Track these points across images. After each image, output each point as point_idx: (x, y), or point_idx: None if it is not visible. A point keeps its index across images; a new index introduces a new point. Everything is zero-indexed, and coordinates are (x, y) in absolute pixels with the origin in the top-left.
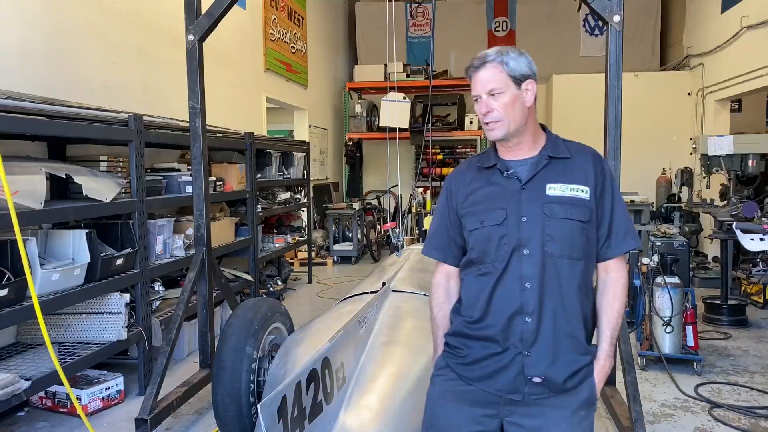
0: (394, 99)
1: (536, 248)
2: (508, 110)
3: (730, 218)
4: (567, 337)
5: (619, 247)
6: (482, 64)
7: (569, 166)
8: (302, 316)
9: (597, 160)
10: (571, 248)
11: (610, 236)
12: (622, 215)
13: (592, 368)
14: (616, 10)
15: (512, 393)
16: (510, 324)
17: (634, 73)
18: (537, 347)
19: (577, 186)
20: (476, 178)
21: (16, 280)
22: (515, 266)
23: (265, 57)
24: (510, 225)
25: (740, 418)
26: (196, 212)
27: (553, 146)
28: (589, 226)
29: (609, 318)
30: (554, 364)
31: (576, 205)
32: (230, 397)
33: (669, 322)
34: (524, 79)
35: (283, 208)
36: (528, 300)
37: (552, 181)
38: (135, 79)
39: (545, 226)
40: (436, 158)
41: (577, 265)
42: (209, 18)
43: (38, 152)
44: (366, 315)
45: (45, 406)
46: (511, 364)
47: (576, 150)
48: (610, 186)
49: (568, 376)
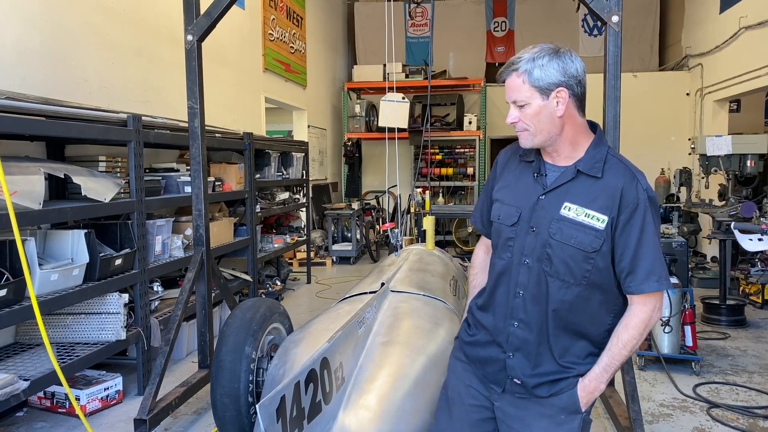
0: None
1: (534, 262)
2: (533, 121)
3: (728, 218)
4: (546, 350)
5: (639, 287)
6: (509, 72)
7: (596, 187)
8: (301, 316)
9: (630, 187)
10: (567, 273)
11: (632, 272)
12: (648, 252)
13: (575, 382)
14: (615, 11)
15: (495, 384)
16: (502, 324)
17: (632, 74)
18: (519, 353)
19: (594, 213)
20: (515, 166)
21: (14, 280)
22: (514, 272)
23: (263, 57)
24: (519, 230)
25: (738, 418)
26: (195, 212)
27: (589, 160)
28: (598, 256)
29: (611, 345)
30: (532, 372)
31: (585, 232)
32: (229, 397)
33: (668, 322)
34: (553, 88)
35: (282, 209)
36: (518, 307)
37: (571, 199)
38: (134, 80)
39: (547, 244)
40: (435, 158)
41: (573, 290)
42: (208, 18)
43: (37, 152)
44: (365, 315)
45: (44, 407)
46: (498, 359)
47: (611, 171)
48: (641, 218)
49: (541, 383)
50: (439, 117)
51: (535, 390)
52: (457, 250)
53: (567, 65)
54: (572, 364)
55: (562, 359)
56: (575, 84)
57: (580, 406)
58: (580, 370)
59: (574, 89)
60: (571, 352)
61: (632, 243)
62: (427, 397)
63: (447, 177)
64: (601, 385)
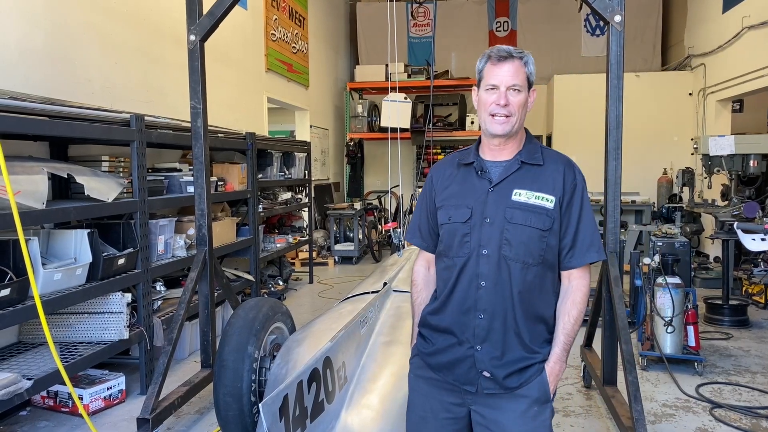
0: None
1: (494, 250)
2: (520, 109)
3: (731, 218)
4: (516, 336)
5: (582, 258)
6: (508, 57)
7: (540, 173)
8: (303, 316)
9: (569, 170)
10: (527, 254)
11: (573, 247)
12: (587, 227)
13: (541, 368)
14: (617, 10)
15: (467, 384)
16: (465, 319)
17: (635, 73)
18: (487, 344)
19: (543, 195)
20: (454, 173)
21: (18, 279)
22: (473, 264)
23: (266, 57)
24: (474, 224)
25: (741, 418)
26: (198, 212)
27: (528, 152)
28: (549, 235)
29: (564, 324)
30: (500, 360)
31: (538, 213)
32: (232, 396)
33: (670, 322)
34: (532, 85)
35: (284, 208)
36: (481, 297)
37: (519, 186)
38: (136, 80)
39: (504, 230)
40: (437, 158)
41: (532, 269)
42: (211, 18)
43: (40, 152)
44: (367, 315)
45: (47, 406)
46: (465, 357)
47: (550, 158)
48: (579, 197)
49: (510, 373)
50: (441, 117)
51: (506, 381)
52: None
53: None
54: (538, 348)
55: (533, 344)
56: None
57: (550, 391)
58: (544, 355)
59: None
60: (535, 336)
61: (574, 220)
62: None
63: None
64: (563, 365)
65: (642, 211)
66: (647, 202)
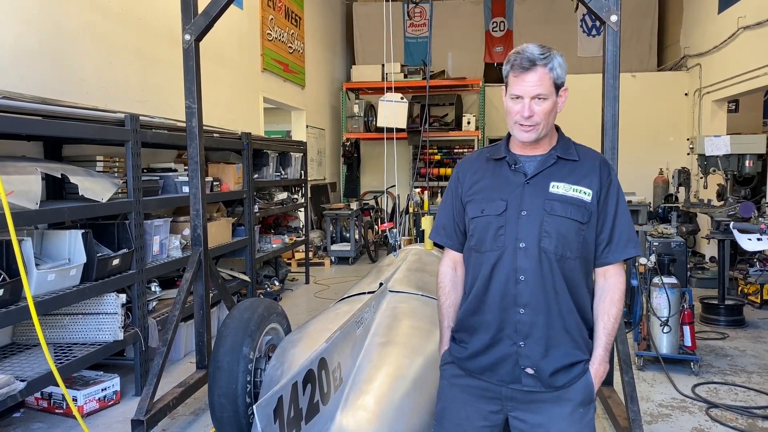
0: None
1: (533, 243)
2: (547, 116)
3: (727, 218)
4: (560, 331)
5: (620, 254)
6: (532, 66)
7: (576, 168)
8: (299, 317)
9: (604, 166)
10: (566, 247)
11: (611, 242)
12: (624, 223)
13: (586, 367)
14: (614, 10)
15: (513, 383)
16: (505, 315)
17: (631, 74)
18: (530, 339)
19: (581, 188)
20: (484, 167)
21: (11, 280)
22: (510, 258)
23: (262, 57)
24: (509, 217)
25: (737, 418)
26: (193, 212)
27: (563, 147)
28: (587, 228)
29: (605, 323)
30: (546, 356)
31: (576, 205)
32: (227, 397)
33: (666, 322)
34: (562, 86)
35: (280, 209)
36: (521, 292)
37: (557, 179)
38: (131, 79)
39: (543, 222)
40: (433, 158)
41: (570, 263)
42: (206, 18)
43: (34, 152)
44: (363, 315)
45: (41, 407)
46: (509, 354)
47: (585, 154)
48: (615, 194)
49: (557, 369)
50: (437, 117)
51: (552, 379)
52: None
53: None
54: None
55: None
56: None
57: (594, 393)
58: (585, 348)
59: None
60: (581, 331)
61: (611, 215)
62: (425, 397)
63: (445, 177)
64: (607, 366)
65: (638, 211)
66: (643, 202)
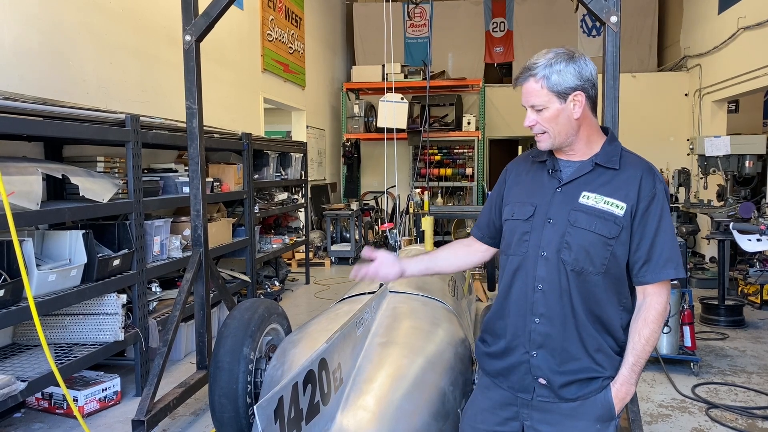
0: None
1: (553, 253)
2: (551, 124)
3: (727, 219)
4: (576, 345)
5: (657, 274)
6: (526, 78)
7: (614, 177)
8: (300, 317)
9: (648, 177)
10: (587, 261)
11: (649, 261)
12: (666, 240)
13: (605, 384)
14: (614, 11)
15: (522, 391)
16: (521, 322)
17: (631, 74)
18: (543, 350)
19: (614, 201)
20: (527, 169)
21: (12, 281)
22: (531, 265)
23: (262, 57)
24: (535, 223)
25: (737, 418)
26: (193, 213)
27: (605, 154)
28: (616, 243)
29: (634, 344)
30: (558, 369)
31: (605, 219)
32: (227, 398)
33: (666, 323)
34: (570, 92)
35: (280, 209)
36: (538, 301)
37: (590, 189)
38: (132, 80)
39: (566, 233)
40: (433, 159)
41: (592, 278)
42: (206, 18)
43: (35, 153)
44: (363, 316)
45: (41, 408)
46: (521, 362)
47: (629, 163)
48: (659, 207)
49: (569, 382)
50: (437, 117)
51: (562, 391)
52: None
53: (582, 69)
54: (605, 361)
55: (597, 355)
56: (590, 87)
57: (615, 411)
58: (611, 371)
59: (589, 92)
60: (602, 347)
61: (650, 231)
62: (425, 397)
63: (446, 177)
64: (631, 388)
65: None
66: None
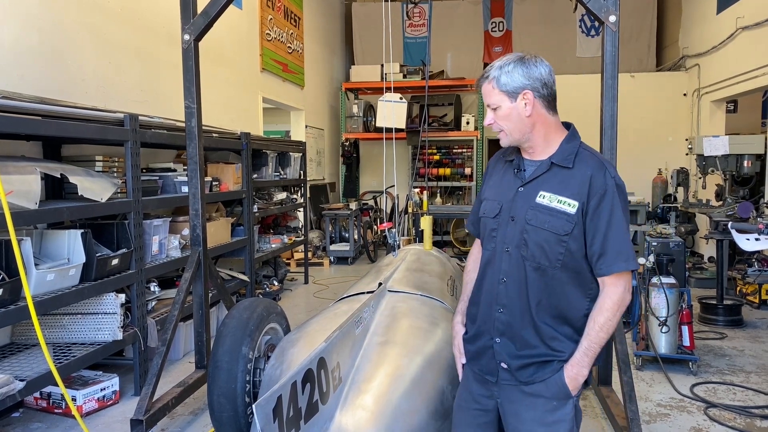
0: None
1: (514, 249)
2: (505, 122)
3: (725, 218)
4: (532, 334)
5: (610, 267)
6: (483, 80)
7: (567, 176)
8: (298, 317)
9: (598, 174)
10: (543, 257)
11: (603, 254)
12: (617, 235)
13: (560, 366)
14: (612, 11)
15: (489, 374)
16: (489, 311)
17: (630, 74)
18: (505, 337)
19: (565, 199)
20: (501, 168)
21: (10, 280)
22: (498, 260)
23: (261, 57)
24: (501, 221)
25: (736, 417)
26: (192, 212)
27: (561, 153)
28: (570, 239)
29: (589, 329)
30: (515, 354)
31: (557, 217)
32: (226, 397)
33: (665, 322)
34: (519, 91)
35: (279, 209)
36: (501, 293)
37: (546, 188)
38: (131, 79)
39: (524, 230)
40: (432, 158)
41: (550, 272)
42: (205, 18)
43: (33, 152)
44: (362, 315)
45: (40, 407)
46: (487, 348)
47: (582, 161)
48: (609, 204)
49: (524, 365)
50: (436, 117)
51: (519, 373)
52: (454, 250)
53: (531, 70)
54: (561, 347)
55: (552, 342)
56: (540, 86)
57: (569, 390)
58: (568, 355)
59: (540, 91)
60: (559, 336)
61: (602, 227)
62: (424, 396)
63: (444, 177)
64: (583, 370)
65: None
66: (642, 202)
